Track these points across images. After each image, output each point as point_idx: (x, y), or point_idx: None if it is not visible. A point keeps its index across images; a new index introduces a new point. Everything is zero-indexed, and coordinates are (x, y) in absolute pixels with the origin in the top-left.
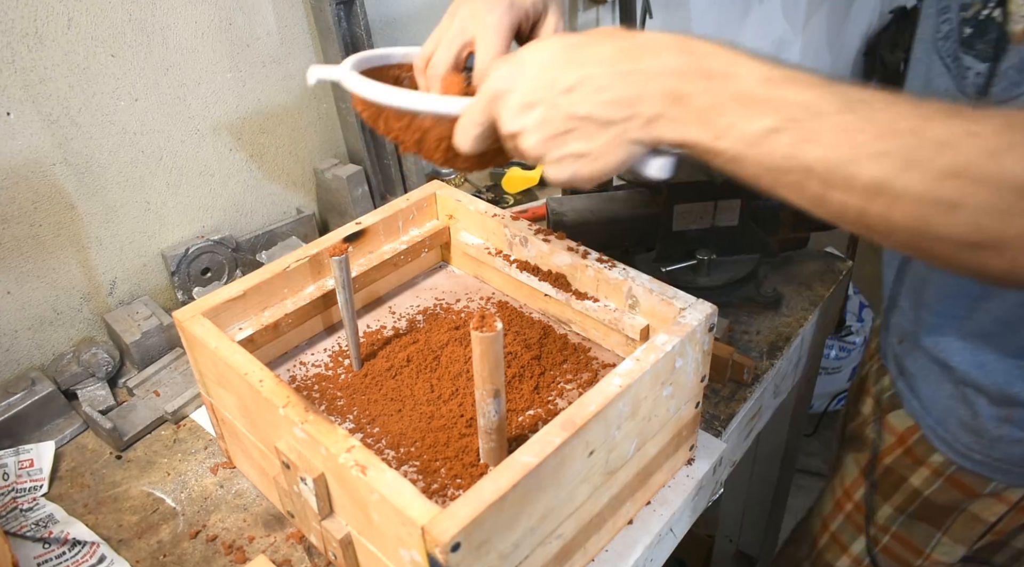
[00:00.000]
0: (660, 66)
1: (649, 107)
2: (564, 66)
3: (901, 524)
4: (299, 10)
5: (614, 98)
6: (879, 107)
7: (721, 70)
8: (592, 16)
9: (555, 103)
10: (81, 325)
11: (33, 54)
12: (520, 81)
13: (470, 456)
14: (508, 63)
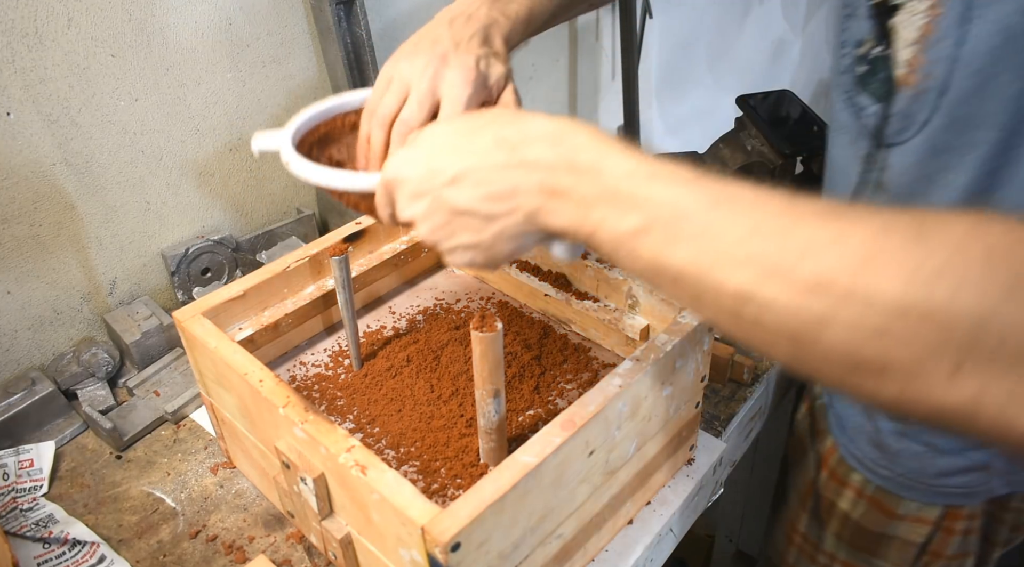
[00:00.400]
0: (534, 158)
1: (527, 201)
2: (449, 155)
3: (847, 553)
4: (299, 10)
5: (493, 192)
6: (746, 206)
7: (589, 164)
8: (592, 16)
9: (439, 196)
10: (81, 325)
11: (33, 54)
12: (411, 170)
13: (470, 456)
14: (406, 149)
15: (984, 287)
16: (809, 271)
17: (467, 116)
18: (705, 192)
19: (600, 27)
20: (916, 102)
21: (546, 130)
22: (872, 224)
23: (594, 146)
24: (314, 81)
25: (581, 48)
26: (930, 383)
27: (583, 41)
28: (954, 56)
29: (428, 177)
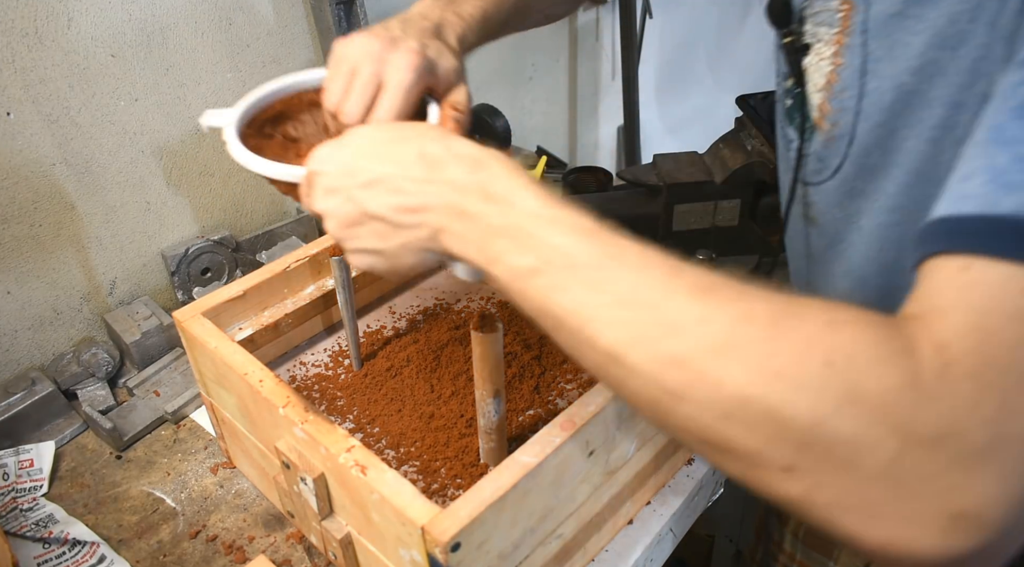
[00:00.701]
0: (450, 179)
1: (435, 219)
2: (370, 158)
3: (802, 552)
4: (299, 10)
5: (404, 204)
6: (630, 270)
7: (501, 195)
8: (592, 16)
9: (352, 195)
10: (81, 325)
11: (33, 54)
12: (330, 166)
13: (470, 456)
14: (329, 146)
15: (820, 395)
16: (670, 347)
17: (398, 125)
18: (597, 247)
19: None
20: (828, 148)
21: (469, 154)
22: (736, 310)
23: (509, 179)
24: None
25: (581, 48)
26: (768, 473)
27: (583, 41)
28: (856, 108)
29: (345, 175)
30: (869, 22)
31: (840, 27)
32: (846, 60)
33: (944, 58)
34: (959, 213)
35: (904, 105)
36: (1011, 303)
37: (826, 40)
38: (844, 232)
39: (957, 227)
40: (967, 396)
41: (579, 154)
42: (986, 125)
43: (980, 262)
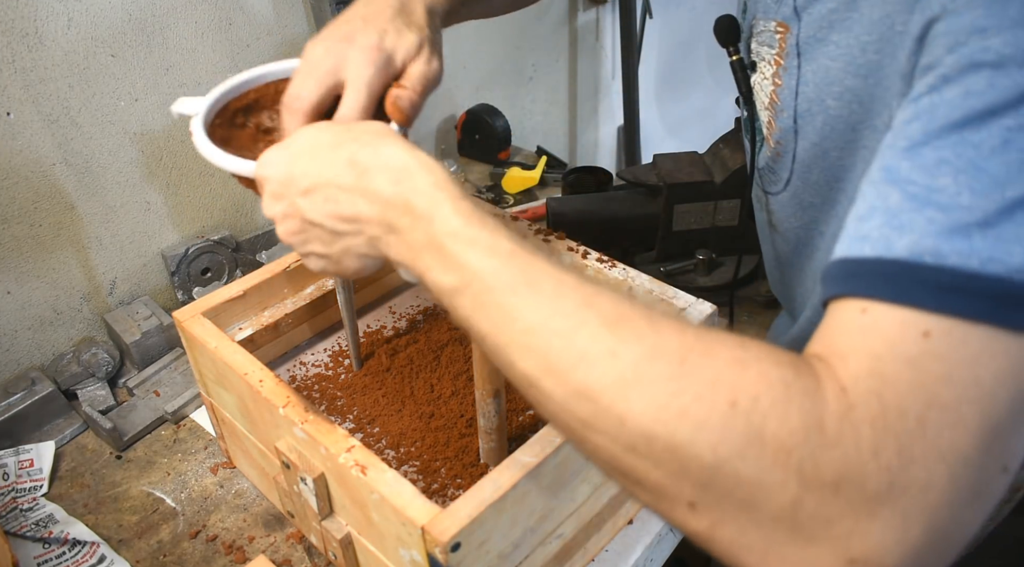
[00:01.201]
0: (375, 189)
1: (369, 229)
2: (308, 162)
3: None
4: (299, 10)
5: (338, 213)
6: (544, 298)
7: (422, 211)
8: (592, 16)
9: (293, 203)
10: (81, 325)
11: (33, 54)
12: (273, 170)
13: (470, 456)
14: (277, 147)
15: (723, 436)
16: (580, 378)
17: (344, 126)
18: (513, 271)
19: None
20: (777, 162)
21: (394, 163)
22: (645, 345)
23: (430, 193)
24: None
25: (581, 48)
26: (673, 507)
27: (583, 41)
28: (794, 128)
29: (286, 182)
30: (800, 45)
31: (778, 48)
32: (784, 81)
33: (858, 86)
34: (857, 256)
35: (831, 128)
36: (907, 348)
37: (768, 60)
38: (807, 238)
39: (856, 269)
40: (866, 442)
41: (579, 154)
42: (880, 164)
43: (877, 306)
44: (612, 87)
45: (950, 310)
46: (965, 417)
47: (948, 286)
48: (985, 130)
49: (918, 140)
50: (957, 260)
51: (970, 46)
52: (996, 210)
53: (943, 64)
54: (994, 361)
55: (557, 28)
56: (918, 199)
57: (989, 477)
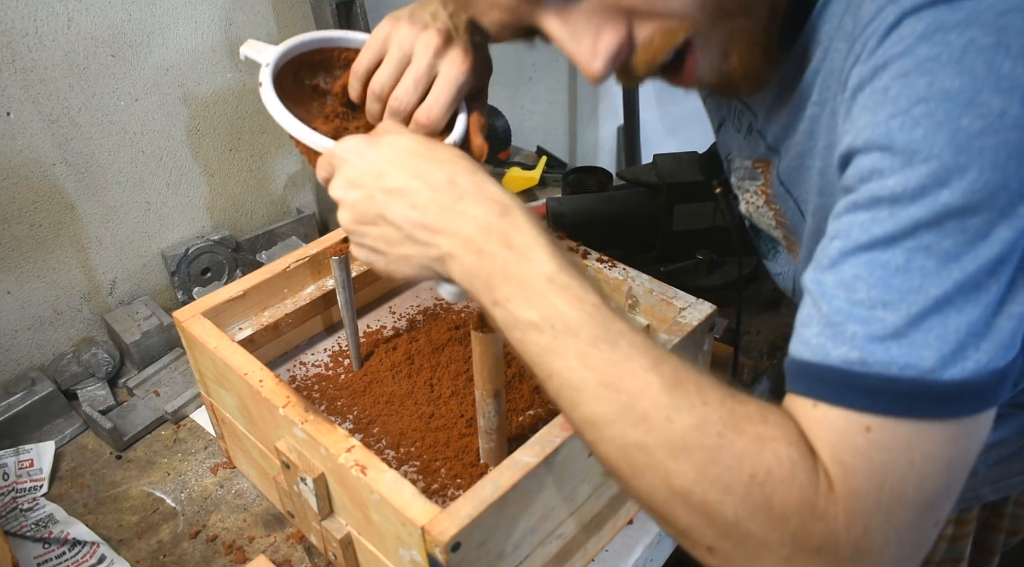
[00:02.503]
0: (475, 214)
1: (448, 244)
2: (400, 168)
3: None
4: (299, 10)
5: (423, 221)
6: (620, 355)
7: (521, 247)
8: None
9: (373, 196)
10: (81, 325)
11: (33, 54)
12: (359, 161)
13: (470, 456)
14: (364, 139)
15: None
16: (639, 436)
17: (435, 144)
18: (596, 325)
19: None
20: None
21: (497, 198)
22: (694, 416)
23: (531, 234)
24: None
25: None
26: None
27: None
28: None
29: (372, 175)
30: (782, 175)
31: (763, 180)
32: (781, 205)
33: (825, 202)
34: (802, 358)
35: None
36: (855, 441)
37: (753, 191)
38: None
39: (802, 371)
40: (841, 519)
41: (579, 154)
42: (811, 275)
43: (824, 405)
44: (612, 87)
45: (882, 410)
46: (907, 495)
47: (876, 390)
48: (890, 251)
49: (837, 258)
50: (880, 368)
51: (873, 183)
52: (905, 322)
53: (856, 192)
54: (923, 446)
55: None
56: (842, 313)
57: (927, 534)
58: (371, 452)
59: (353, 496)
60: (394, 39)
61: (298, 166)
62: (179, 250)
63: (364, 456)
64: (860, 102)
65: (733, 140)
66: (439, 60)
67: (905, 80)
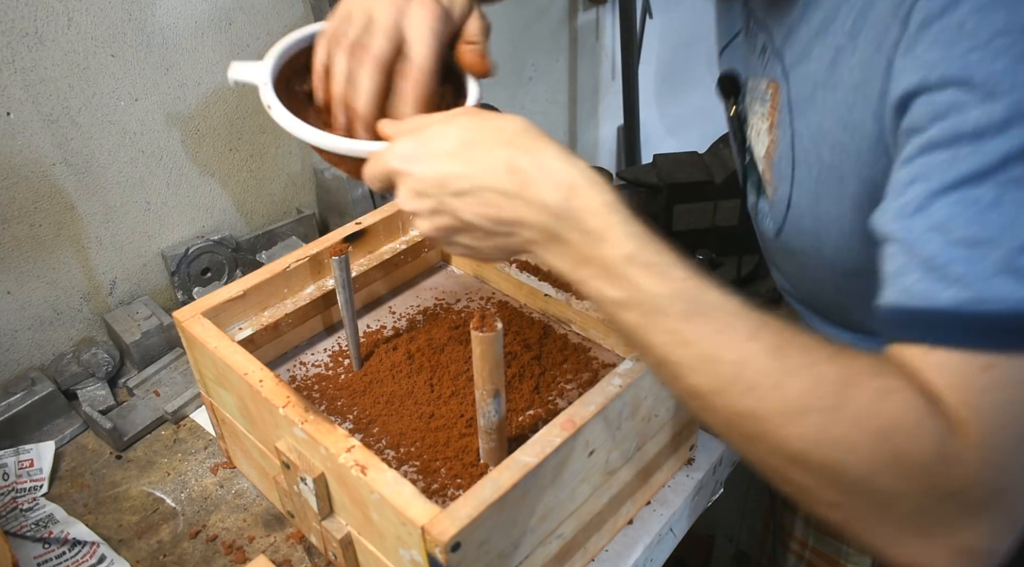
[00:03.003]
0: (543, 200)
1: (528, 233)
2: (458, 163)
3: (814, 539)
4: (299, 10)
5: (498, 217)
6: (715, 327)
7: (594, 232)
8: (592, 16)
9: (444, 202)
10: (81, 325)
11: (33, 54)
12: (417, 168)
13: (470, 456)
14: (411, 141)
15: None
16: (748, 405)
17: (479, 123)
18: (686, 300)
19: (600, 27)
20: (774, 209)
21: (559, 177)
22: (804, 378)
23: (603, 214)
24: None
25: (581, 48)
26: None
27: (583, 41)
28: (792, 177)
29: (436, 183)
30: (792, 102)
31: (771, 104)
32: (779, 134)
33: (847, 140)
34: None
35: (825, 177)
36: (976, 380)
37: (760, 115)
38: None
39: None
40: (972, 462)
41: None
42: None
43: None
44: (612, 87)
45: (1002, 346)
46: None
47: (993, 327)
48: (980, 188)
49: (923, 201)
50: (994, 305)
51: (951, 120)
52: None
53: (929, 130)
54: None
55: (557, 28)
56: (943, 255)
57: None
58: (371, 452)
59: (353, 496)
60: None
61: (298, 166)
62: (179, 250)
63: (364, 456)
64: (928, 38)
65: (743, 59)
66: (403, 19)
67: (982, 14)
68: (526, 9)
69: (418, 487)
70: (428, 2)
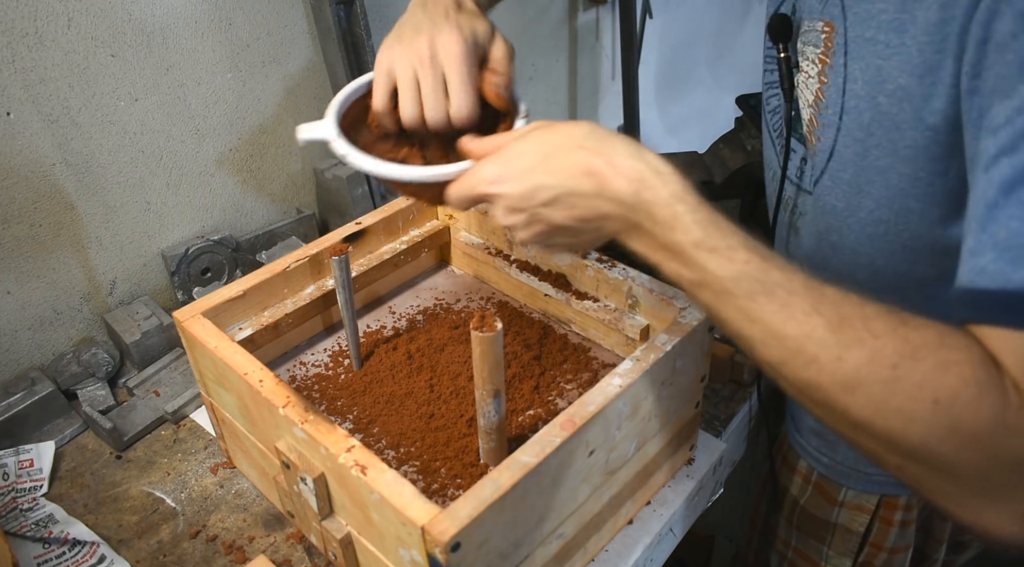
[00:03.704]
0: (618, 196)
1: (612, 225)
2: (541, 175)
3: (797, 539)
4: (299, 10)
5: (584, 216)
6: (780, 303)
7: (664, 221)
8: (592, 16)
9: (537, 212)
10: (81, 325)
11: (33, 54)
12: (506, 188)
13: (470, 456)
14: (494, 165)
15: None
16: (812, 376)
17: (551, 134)
18: (750, 281)
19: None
20: (813, 160)
21: (629, 173)
22: (864, 351)
23: (671, 205)
24: (314, 81)
25: (581, 48)
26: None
27: (583, 41)
28: (838, 125)
29: (526, 197)
30: (848, 44)
31: (824, 47)
32: (830, 79)
33: (912, 85)
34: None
35: (878, 125)
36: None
37: (812, 59)
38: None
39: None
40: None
41: None
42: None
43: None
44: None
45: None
46: None
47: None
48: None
49: (1009, 178)
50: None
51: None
52: None
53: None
54: None
55: (557, 28)
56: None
57: None
58: (371, 452)
59: (353, 496)
60: (396, 65)
61: (298, 166)
62: (179, 250)
63: (364, 456)
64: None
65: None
66: (436, 58)
67: None
68: (526, 9)
69: (418, 487)
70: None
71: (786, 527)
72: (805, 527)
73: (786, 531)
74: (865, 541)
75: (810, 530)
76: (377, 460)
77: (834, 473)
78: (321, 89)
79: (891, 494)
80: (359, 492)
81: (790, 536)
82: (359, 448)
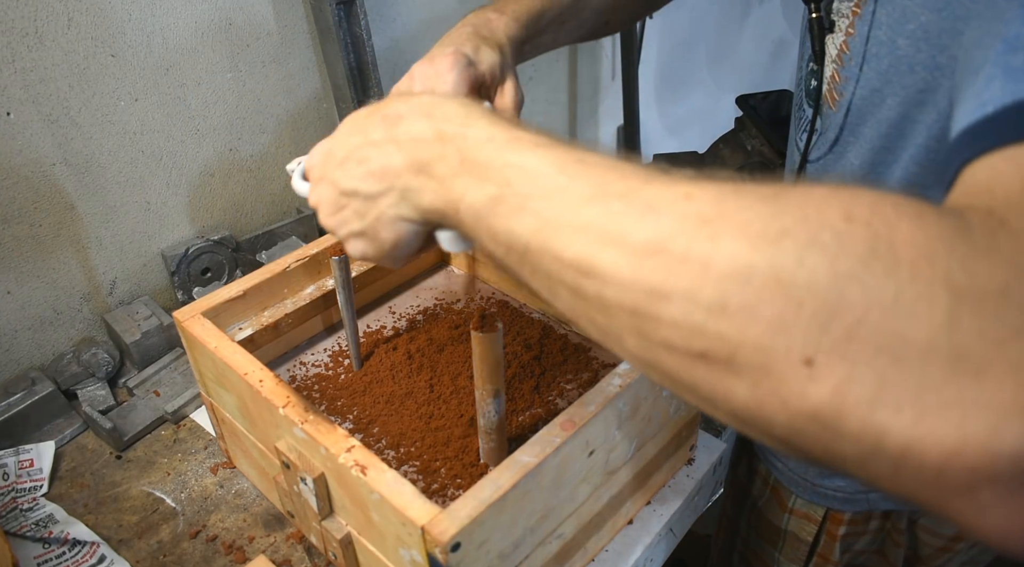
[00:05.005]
0: (406, 133)
1: (400, 180)
2: (345, 136)
3: (754, 541)
4: (299, 10)
5: (371, 170)
6: (597, 169)
7: (453, 132)
8: None
9: (332, 178)
10: (81, 325)
11: (33, 54)
12: (316, 156)
13: (470, 456)
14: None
15: (839, 250)
16: (645, 233)
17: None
18: (558, 155)
19: None
20: (830, 119)
21: (423, 104)
22: (723, 185)
23: (461, 116)
24: (314, 81)
25: (581, 48)
26: (783, 375)
27: None
28: (857, 76)
29: (325, 161)
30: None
31: None
32: (856, 30)
33: (932, 20)
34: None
35: (895, 70)
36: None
37: (845, 15)
38: None
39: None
40: None
41: None
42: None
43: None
44: (612, 87)
45: None
46: None
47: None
48: None
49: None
50: None
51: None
52: None
53: None
54: None
55: None
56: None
57: None
58: (371, 452)
59: (353, 496)
60: None
61: None
62: (179, 250)
63: (364, 456)
64: None
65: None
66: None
67: None
68: None
69: (418, 487)
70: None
71: (746, 527)
72: (761, 530)
73: (746, 531)
74: (813, 551)
75: (765, 534)
76: (377, 460)
77: (785, 479)
78: (321, 89)
79: (836, 509)
80: (359, 492)
81: (749, 536)
82: (359, 448)
